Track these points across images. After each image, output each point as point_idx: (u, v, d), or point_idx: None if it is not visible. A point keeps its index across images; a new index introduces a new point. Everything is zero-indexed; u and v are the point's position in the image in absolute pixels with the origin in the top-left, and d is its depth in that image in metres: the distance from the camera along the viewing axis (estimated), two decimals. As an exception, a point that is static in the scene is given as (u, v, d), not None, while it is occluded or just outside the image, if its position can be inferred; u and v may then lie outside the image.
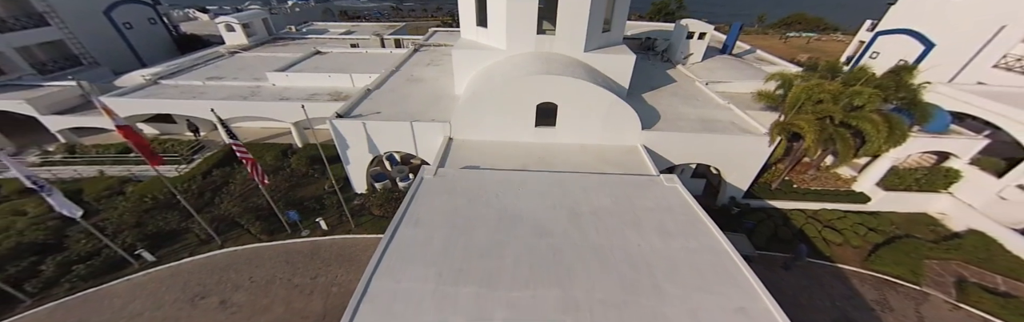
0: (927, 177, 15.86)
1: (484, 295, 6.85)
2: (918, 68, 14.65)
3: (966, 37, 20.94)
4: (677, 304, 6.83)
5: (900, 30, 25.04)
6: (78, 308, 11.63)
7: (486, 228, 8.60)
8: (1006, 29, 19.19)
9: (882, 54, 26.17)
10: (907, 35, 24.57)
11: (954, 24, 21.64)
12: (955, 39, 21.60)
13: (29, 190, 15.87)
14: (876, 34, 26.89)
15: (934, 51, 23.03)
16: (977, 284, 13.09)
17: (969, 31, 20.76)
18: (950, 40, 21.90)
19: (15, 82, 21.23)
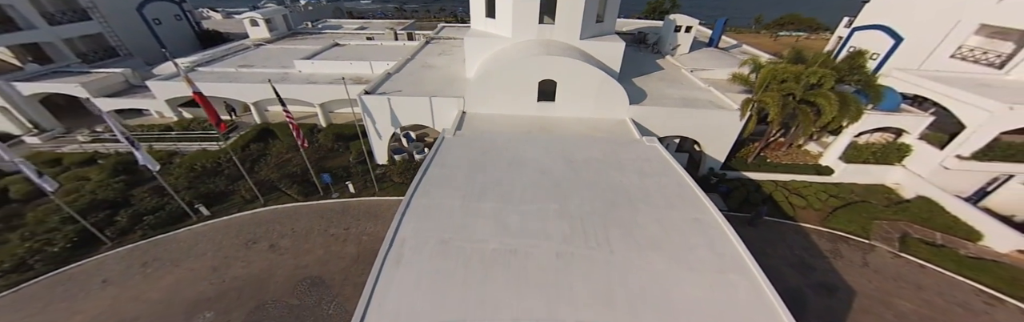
0: (883, 151, 18.19)
1: (500, 208, 9.17)
2: (869, 53, 17.02)
3: (928, 31, 23.36)
4: (647, 215, 9.16)
5: (873, 26, 27.45)
6: (151, 250, 13.93)
7: (498, 168, 10.95)
8: (960, 24, 21.62)
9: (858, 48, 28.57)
10: (879, 30, 26.98)
11: (918, 20, 24.06)
12: (919, 33, 24.00)
13: (87, 162, 18.35)
14: (853, 30, 29.29)
15: (903, 44, 25.41)
16: (918, 238, 15.40)
17: (931, 26, 23.19)
18: (915, 34, 24.30)
19: (64, 69, 23.67)
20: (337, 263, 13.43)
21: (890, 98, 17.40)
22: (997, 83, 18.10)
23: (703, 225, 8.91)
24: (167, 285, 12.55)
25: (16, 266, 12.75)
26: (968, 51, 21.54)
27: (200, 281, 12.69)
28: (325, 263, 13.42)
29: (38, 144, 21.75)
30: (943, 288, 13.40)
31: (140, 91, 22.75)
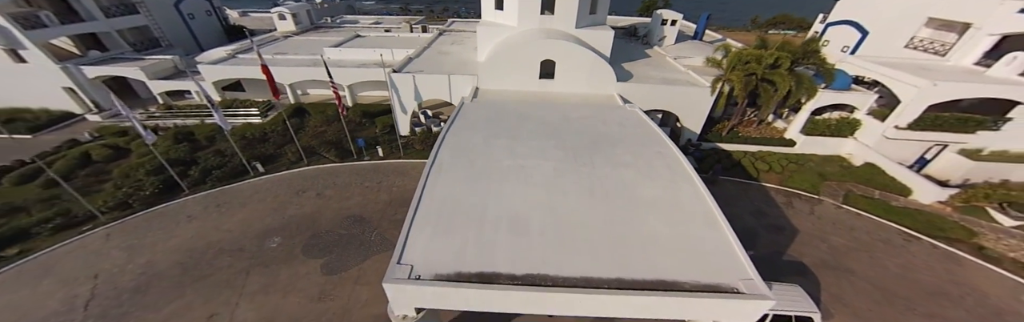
0: (837, 125, 21.39)
1: (511, 143, 12.40)
2: (823, 39, 20.27)
3: (887, 25, 26.65)
4: (622, 149, 12.37)
5: (843, 21, 30.71)
6: (221, 196, 17.20)
7: (509, 121, 14.20)
8: (912, 17, 24.90)
9: (831, 41, 31.81)
10: (848, 25, 30.26)
11: (880, 15, 27.36)
12: (880, 27, 27.28)
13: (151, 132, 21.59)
14: (826, 25, 32.55)
15: (868, 37, 28.70)
16: (859, 194, 18.56)
17: (889, 20, 26.48)
18: (877, 28, 27.57)
19: (119, 56, 27.09)
20: (374, 206, 16.66)
21: (841, 79, 20.65)
22: (936, 67, 21.33)
23: (663, 156, 12.12)
24: (239, 220, 15.79)
25: (118, 205, 16.02)
26: (919, 42, 24.79)
27: (265, 217, 15.93)
28: (364, 206, 16.66)
29: (98, 121, 25.10)
30: (871, 229, 16.56)
31: (184, 76, 26.09)
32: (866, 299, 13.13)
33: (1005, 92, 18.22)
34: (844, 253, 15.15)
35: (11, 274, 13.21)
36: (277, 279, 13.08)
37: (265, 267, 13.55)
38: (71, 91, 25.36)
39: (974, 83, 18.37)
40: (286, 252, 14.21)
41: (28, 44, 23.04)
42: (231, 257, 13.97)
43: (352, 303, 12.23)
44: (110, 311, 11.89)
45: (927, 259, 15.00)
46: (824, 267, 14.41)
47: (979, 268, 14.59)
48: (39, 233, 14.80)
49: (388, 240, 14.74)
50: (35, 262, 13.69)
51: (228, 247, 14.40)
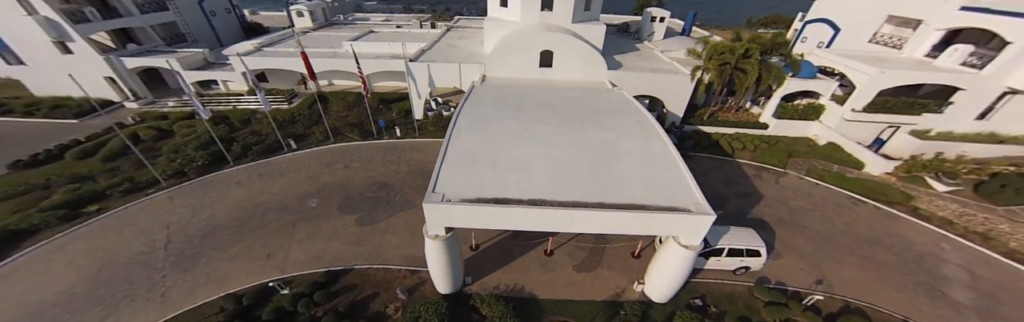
0: (804, 110, 24.16)
1: (517, 113, 15.12)
2: (785, 33, 23.04)
3: (855, 22, 29.50)
4: (607, 118, 15.08)
5: (819, 19, 33.59)
6: (261, 167, 19.85)
7: (514, 98, 16.91)
8: (875, 16, 27.75)
9: (809, 38, 34.68)
10: (823, 23, 33.12)
11: (849, 14, 30.21)
12: (850, 24, 30.12)
13: (186, 117, 24.21)
14: (805, 23, 35.42)
15: (840, 34, 31.55)
16: (820, 168, 21.31)
17: (856, 18, 29.33)
18: (847, 25, 30.41)
19: (153, 49, 29.72)
20: (395, 175, 19.33)
21: (806, 69, 23.45)
22: (891, 59, 24.17)
23: (641, 123, 14.83)
24: (280, 186, 18.43)
25: (175, 173, 18.67)
26: (881, 37, 27.64)
27: (302, 184, 18.58)
28: (387, 175, 19.32)
29: (136, 108, 27.70)
30: (826, 195, 19.32)
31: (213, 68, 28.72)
32: (812, 245, 15.86)
33: (943, 79, 21.07)
34: (800, 213, 17.90)
35: (95, 225, 15.82)
36: (319, 229, 15.72)
37: (308, 221, 16.19)
38: (111, 80, 27.95)
39: (917, 71, 21.21)
40: (324, 210, 16.86)
41: (76, 37, 25.66)
42: (278, 213, 16.61)
43: (384, 247, 14.88)
44: (185, 251, 14.52)
45: (869, 217, 17.75)
46: (781, 223, 17.13)
47: (911, 224, 17.35)
48: (111, 195, 17.41)
49: (410, 201, 17.40)
50: (113, 216, 16.31)
51: (274, 206, 17.04)
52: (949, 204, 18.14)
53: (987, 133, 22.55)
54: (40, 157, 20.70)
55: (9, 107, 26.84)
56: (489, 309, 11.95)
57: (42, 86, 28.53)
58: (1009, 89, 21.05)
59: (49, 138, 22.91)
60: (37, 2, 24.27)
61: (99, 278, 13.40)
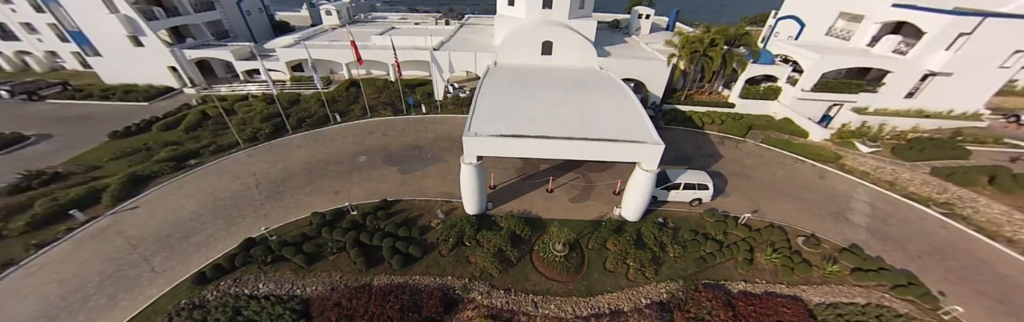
0: (765, 91, 28.98)
1: (525, 84, 20.02)
2: (745, 26, 27.91)
3: (815, 18, 34.40)
4: (594, 89, 19.97)
5: (788, 16, 38.55)
6: (315, 135, 24.72)
7: (522, 77, 21.82)
8: (830, 12, 32.65)
9: (780, 33, 39.63)
10: (792, 19, 38.08)
11: (810, 11, 35.14)
12: (811, 20, 35.02)
13: (241, 99, 29.07)
14: (777, 19, 40.37)
15: (805, 28, 36.47)
16: (774, 137, 26.09)
17: (816, 15, 34.23)
18: (810, 21, 35.32)
19: (206, 43, 34.70)
20: (425, 140, 24.18)
21: (765, 56, 28.31)
22: (837, 47, 29.02)
23: (619, 92, 19.70)
24: (333, 148, 23.29)
25: (248, 139, 23.53)
26: (835, 30, 32.53)
27: (350, 146, 23.44)
28: (418, 140, 24.17)
29: (193, 94, 32.61)
30: (774, 156, 24.11)
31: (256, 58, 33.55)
32: (755, 189, 20.65)
33: (873, 63, 25.97)
34: (750, 168, 22.69)
35: (198, 173, 20.69)
36: (371, 175, 20.56)
37: (360, 171, 21.04)
38: (172, 69, 32.94)
39: (850, 56, 26.09)
40: (372, 163, 21.71)
41: (148, 32, 30.66)
42: (336, 166, 21.46)
43: (423, 186, 19.69)
44: (273, 189, 19.37)
45: (804, 171, 22.55)
46: (734, 174, 21.91)
47: (836, 175, 22.15)
48: (203, 153, 22.29)
49: (439, 158, 22.23)
50: (210, 167, 21.19)
51: (332, 161, 21.90)
52: (869, 161, 22.91)
53: (916, 110, 27.35)
54: (131, 129, 25.60)
55: (88, 92, 31.79)
56: (506, 221, 16.75)
57: (113, 75, 33.57)
58: (929, 71, 25.85)
59: (128, 117, 27.77)
60: (119, 2, 29.26)
61: (215, 205, 18.26)
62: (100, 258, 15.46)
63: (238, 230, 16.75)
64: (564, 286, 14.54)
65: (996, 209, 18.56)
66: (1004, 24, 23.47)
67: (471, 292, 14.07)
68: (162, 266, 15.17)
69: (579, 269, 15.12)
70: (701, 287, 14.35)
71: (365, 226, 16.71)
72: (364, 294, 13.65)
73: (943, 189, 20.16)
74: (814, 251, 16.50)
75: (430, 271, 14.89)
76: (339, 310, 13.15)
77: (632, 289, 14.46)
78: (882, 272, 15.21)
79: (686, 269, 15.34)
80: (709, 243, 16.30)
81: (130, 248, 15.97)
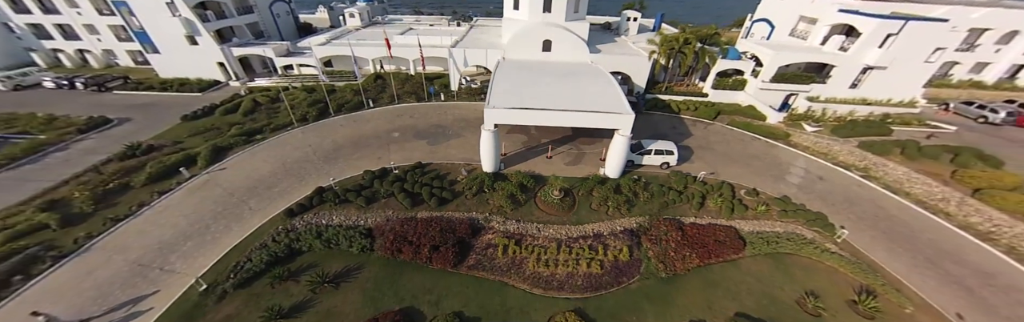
0: (733, 83, 34.42)
1: (529, 74, 25.40)
2: (715, 28, 33.43)
3: (781, 21, 39.96)
4: (585, 77, 25.37)
5: (761, 19, 44.15)
6: (353, 117, 30.07)
7: (527, 68, 27.25)
8: (792, 16, 38.19)
9: (755, 34, 45.21)
10: (764, 21, 43.68)
11: (778, 15, 40.70)
12: (779, 22, 40.60)
13: (283, 89, 34.48)
14: (752, 22, 45.97)
15: (775, 30, 42.03)
16: (738, 120, 31.46)
17: (782, 18, 39.78)
18: (778, 23, 40.89)
19: (248, 42, 40.15)
20: (446, 121, 29.52)
21: (732, 53, 33.78)
22: (793, 45, 34.55)
23: (603, 79, 25.10)
24: (370, 127, 28.62)
25: (299, 120, 28.85)
26: (796, 31, 38.07)
27: (384, 125, 28.77)
28: (440, 121, 29.51)
29: (238, 86, 37.97)
30: (736, 135, 29.46)
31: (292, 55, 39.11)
32: (715, 158, 25.96)
33: (820, 58, 31.44)
34: (714, 143, 28.01)
35: (265, 145, 25.98)
36: (404, 146, 25.87)
37: (396, 143, 26.34)
38: (220, 65, 38.32)
39: (801, 52, 31.58)
40: (404, 138, 27.02)
41: (203, 32, 36.07)
42: (375, 140, 26.77)
43: (448, 154, 24.96)
44: (327, 156, 24.67)
45: (758, 146, 27.89)
46: (699, 148, 27.21)
47: (783, 149, 27.50)
48: (265, 130, 27.59)
49: (459, 134, 27.50)
50: (274, 141, 26.50)
51: (371, 136, 27.21)
52: (812, 138, 28.25)
53: (860, 98, 32.76)
54: (198, 113, 30.91)
55: (148, 84, 37.17)
56: (515, 176, 22.02)
57: (168, 69, 38.94)
58: (867, 65, 31.28)
59: (187, 104, 33.05)
60: (181, 6, 34.70)
61: (284, 167, 23.56)
62: (208, 201, 20.73)
63: (307, 183, 22.00)
64: (560, 219, 19.82)
65: (900, 171, 23.88)
66: (923, 26, 28.97)
67: (491, 222, 19.34)
68: (257, 206, 20.44)
69: (571, 208, 20.40)
70: (661, 219, 19.62)
71: (406, 180, 21.95)
72: (412, 223, 18.88)
73: (863, 158, 25.50)
74: (753, 199, 21.79)
75: (459, 208, 20.17)
76: (395, 232, 18.37)
77: (610, 221, 19.74)
78: (800, 211, 20.50)
79: (652, 209, 20.61)
80: (672, 193, 21.56)
81: (228, 195, 21.24)
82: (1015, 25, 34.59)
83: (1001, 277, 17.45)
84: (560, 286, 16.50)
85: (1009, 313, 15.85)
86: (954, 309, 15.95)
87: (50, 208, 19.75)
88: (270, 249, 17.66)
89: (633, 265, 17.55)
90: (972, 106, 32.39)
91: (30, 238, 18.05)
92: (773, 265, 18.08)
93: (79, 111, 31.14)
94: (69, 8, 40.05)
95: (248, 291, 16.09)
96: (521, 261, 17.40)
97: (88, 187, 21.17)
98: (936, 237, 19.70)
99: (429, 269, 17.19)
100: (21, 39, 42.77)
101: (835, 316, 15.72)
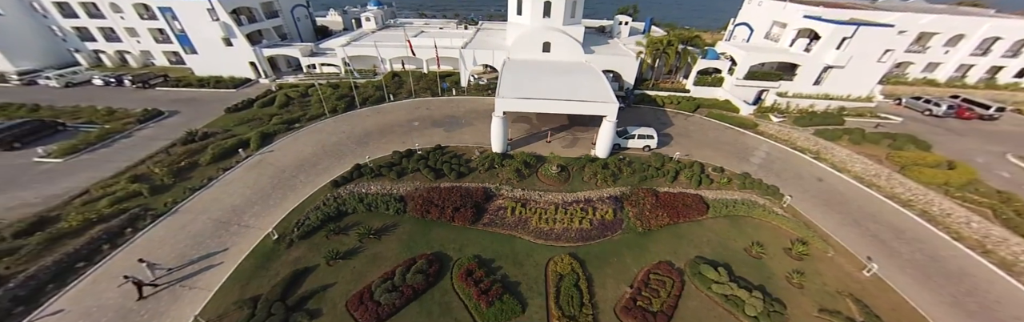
0: (712, 80, 39.11)
1: (531, 70, 30.05)
2: (693, 32, 38.18)
3: (759, 25, 44.77)
4: (579, 73, 30.03)
5: (742, 23, 48.99)
6: (377, 109, 34.68)
7: (530, 66, 31.89)
8: (767, 21, 42.97)
9: (737, 36, 50.05)
10: (744, 25, 48.51)
11: (757, 19, 45.51)
12: (757, 26, 45.41)
13: (310, 86, 39.14)
14: (734, 26, 50.84)
15: (754, 33, 46.83)
16: (714, 112, 36.13)
17: (759, 22, 44.59)
18: (756, 27, 45.71)
19: (276, 43, 44.77)
20: (459, 112, 34.13)
21: (711, 53, 38.52)
22: (765, 47, 39.31)
23: (594, 75, 29.75)
24: (392, 117, 33.22)
25: (330, 111, 33.42)
26: (771, 35, 42.87)
27: (405, 116, 33.37)
28: (453, 112, 34.12)
29: (266, 83, 42.53)
30: (712, 125, 34.13)
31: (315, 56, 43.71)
32: (691, 143, 30.58)
33: (786, 58, 36.17)
34: (692, 132, 32.65)
35: (304, 132, 30.53)
36: (424, 133, 30.44)
37: (417, 130, 30.91)
38: (252, 64, 42.90)
39: (769, 53, 36.32)
40: (423, 126, 31.60)
41: (238, 34, 40.67)
42: (399, 127, 31.34)
43: (463, 139, 29.52)
44: (359, 140, 29.23)
45: (731, 134, 32.54)
46: (678, 135, 31.84)
47: (751, 136, 32.15)
48: (300, 120, 32.15)
49: (470, 123, 32.05)
50: (311, 128, 31.06)
51: (395, 125, 31.78)
52: (777, 127, 32.90)
53: (823, 94, 37.45)
54: (239, 106, 35.44)
55: (187, 82, 41.73)
56: (520, 155, 26.57)
57: (204, 69, 43.50)
58: (827, 65, 36.01)
59: (225, 99, 37.58)
60: (220, 12, 39.30)
61: (323, 149, 28.10)
62: (265, 176, 25.24)
63: (345, 161, 26.50)
64: (557, 188, 24.38)
65: (845, 153, 28.55)
66: (873, 31, 33.73)
67: (501, 190, 23.89)
68: (306, 179, 24.96)
69: (567, 180, 24.97)
70: (640, 189, 24.18)
71: (429, 158, 26.49)
72: (436, 191, 23.39)
73: (817, 143, 30.17)
74: (719, 175, 26.37)
75: (474, 180, 24.72)
76: (423, 198, 22.87)
77: (598, 190, 24.30)
78: (756, 184, 25.10)
79: (633, 181, 25.18)
80: (650, 169, 26.13)
81: (280, 171, 25.76)
82: (959, 30, 39.43)
83: (909, 232, 22.05)
84: (557, 238, 21.00)
85: (909, 257, 20.42)
86: (866, 254, 20.49)
87: (137, 181, 24.22)
88: (322, 210, 22.14)
89: (616, 223, 22.07)
90: (920, 101, 37.13)
91: (128, 202, 22.53)
92: (729, 224, 22.63)
93: (131, 105, 35.61)
94: (113, 13, 44.67)
95: (309, 241, 20.53)
96: (526, 219, 21.91)
97: (164, 164, 25.66)
98: (864, 204, 24.31)
99: (452, 225, 21.67)
100: (66, 41, 47.30)
101: (772, 259, 20.25)
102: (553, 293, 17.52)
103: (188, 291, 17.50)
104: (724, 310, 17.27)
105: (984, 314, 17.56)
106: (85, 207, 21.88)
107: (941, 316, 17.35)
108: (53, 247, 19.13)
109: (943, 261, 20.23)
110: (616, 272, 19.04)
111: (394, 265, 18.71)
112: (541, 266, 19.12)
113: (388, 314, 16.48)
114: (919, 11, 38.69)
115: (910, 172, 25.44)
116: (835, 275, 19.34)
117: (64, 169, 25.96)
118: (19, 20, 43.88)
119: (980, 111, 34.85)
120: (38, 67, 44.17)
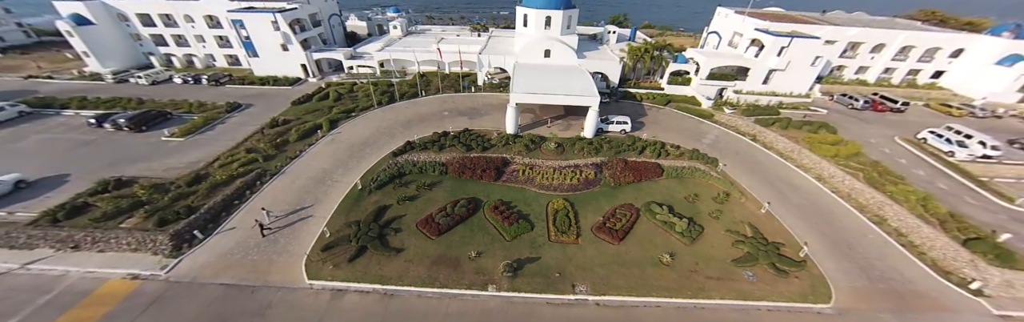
0: (682, 80, 48.88)
1: (536, 72, 39.82)
2: (665, 41, 48.05)
3: (724, 34, 54.55)
4: (572, 75, 39.77)
5: (713, 32, 58.82)
6: (411, 103, 44.45)
7: (535, 69, 41.65)
8: (730, 31, 52.73)
9: (709, 43, 59.88)
10: (715, 34, 58.34)
11: (723, 29, 55.30)
12: (724, 35, 55.20)
13: (353, 84, 49.04)
14: (707, 34, 60.67)
15: (722, 41, 56.62)
16: (681, 105, 45.90)
17: (725, 32, 54.37)
18: (723, 35, 55.50)
19: (321, 49, 54.47)
20: (478, 105, 43.88)
21: (680, 58, 48.32)
22: (725, 53, 49.14)
23: (585, 76, 39.49)
24: (426, 108, 42.97)
25: (377, 104, 43.13)
26: (733, 42, 52.68)
27: (436, 108, 43.13)
28: (474, 105, 43.87)
29: (314, 82, 52.20)
30: (677, 115, 43.96)
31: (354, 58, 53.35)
32: (658, 129, 40.34)
33: (739, 62, 46.00)
34: (660, 120, 42.41)
35: (359, 119, 40.25)
36: (453, 120, 40.16)
37: (447, 118, 40.62)
38: (302, 66, 52.58)
39: (725, 58, 46.13)
40: (451, 115, 41.33)
41: (295, 41, 50.36)
42: (432, 117, 41.07)
43: (483, 124, 39.23)
44: (406, 124, 38.97)
45: (690, 122, 42.32)
46: (650, 123, 41.59)
47: (707, 124, 41.96)
48: (354, 110, 41.84)
49: (488, 114, 41.73)
50: (364, 117, 40.77)
51: (429, 114, 41.49)
52: (729, 117, 42.64)
53: (770, 91, 47.22)
54: (301, 100, 45.11)
55: (250, 80, 51.42)
56: (527, 136, 36.28)
57: (263, 69, 53.16)
58: (771, 68, 45.78)
59: (286, 95, 47.24)
60: (281, 23, 48.98)
61: (379, 131, 37.81)
62: (340, 150, 34.92)
63: (397, 140, 36.14)
64: (555, 158, 34.11)
65: (773, 136, 38.30)
66: (805, 42, 43.51)
67: (514, 159, 33.61)
68: (371, 151, 34.64)
69: (562, 153, 34.71)
70: (615, 158, 33.88)
71: (460, 137, 36.17)
72: (468, 159, 33.04)
73: (755, 129, 39.91)
74: (675, 150, 36.08)
75: (495, 152, 34.44)
76: (459, 163, 32.50)
77: (585, 158, 34.03)
78: (702, 156, 34.82)
79: (610, 153, 34.89)
80: (624, 145, 35.83)
81: (350, 146, 35.45)
82: (880, 40, 49.25)
83: (802, 188, 31.84)
84: (555, 189, 30.66)
85: (796, 202, 30.16)
86: (767, 200, 30.18)
87: (250, 152, 33.84)
88: (387, 172, 31.77)
89: (596, 180, 31.77)
90: (846, 97, 46.91)
91: (251, 166, 32.16)
92: (677, 182, 32.32)
93: (212, 99, 45.20)
94: (185, 23, 54.38)
95: (382, 191, 30.15)
96: (533, 178, 31.60)
97: (264, 141, 35.32)
98: (779, 170, 34.07)
99: (481, 182, 31.30)
100: (142, 46, 56.97)
101: (702, 203, 29.91)
102: (551, 219, 27.21)
103: (311, 219, 27.12)
104: (663, 230, 26.95)
105: (835, 235, 27.28)
106: (222, 169, 31.50)
107: (804, 235, 27.05)
108: (213, 193, 28.75)
109: (818, 205, 30.02)
110: (594, 210, 28.74)
111: (444, 203, 28.37)
112: (543, 205, 28.82)
113: (445, 229, 26.14)
114: (852, 25, 48.39)
115: (815, 148, 35.18)
116: (742, 212, 29.06)
117: (188, 145, 35.63)
118: (108, 28, 53.56)
119: (890, 105, 44.63)
120: (121, 68, 53.84)
